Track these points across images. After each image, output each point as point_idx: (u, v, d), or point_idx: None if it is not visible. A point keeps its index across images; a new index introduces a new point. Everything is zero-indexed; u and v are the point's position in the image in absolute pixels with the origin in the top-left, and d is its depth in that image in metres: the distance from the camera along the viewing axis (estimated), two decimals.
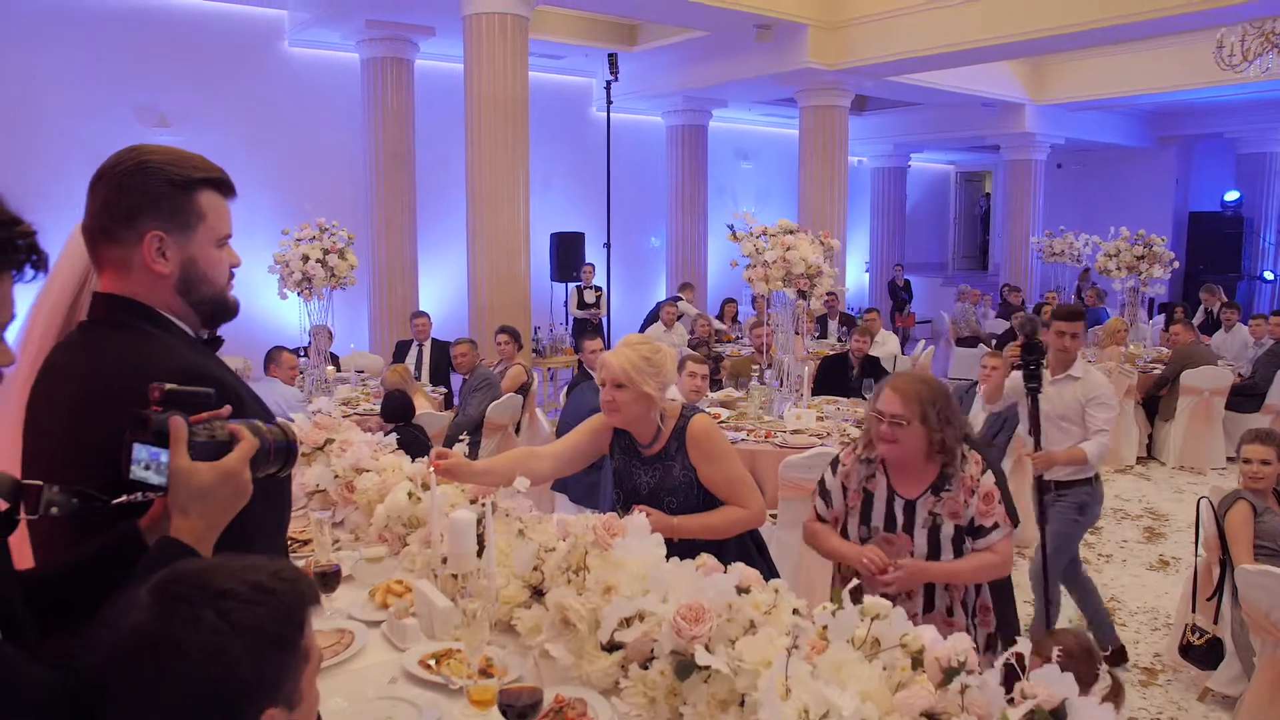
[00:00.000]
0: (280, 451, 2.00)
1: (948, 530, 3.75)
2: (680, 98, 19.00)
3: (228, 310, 2.24)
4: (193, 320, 2.21)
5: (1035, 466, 5.79)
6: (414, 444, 7.21)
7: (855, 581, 3.28)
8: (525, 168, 12.93)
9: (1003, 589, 4.19)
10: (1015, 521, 3.88)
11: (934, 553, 3.77)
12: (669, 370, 3.92)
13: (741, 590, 2.69)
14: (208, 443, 1.90)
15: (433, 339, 11.81)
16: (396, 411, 7.79)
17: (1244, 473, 5.71)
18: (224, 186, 2.20)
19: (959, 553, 3.76)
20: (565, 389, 9.60)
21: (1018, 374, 6.33)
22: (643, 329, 15.01)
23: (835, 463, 4.04)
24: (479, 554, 3.02)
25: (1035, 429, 5.69)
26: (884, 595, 3.69)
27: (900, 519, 3.81)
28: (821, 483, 4.05)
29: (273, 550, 2.23)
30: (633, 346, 3.91)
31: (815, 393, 9.85)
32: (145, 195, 2.11)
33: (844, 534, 3.96)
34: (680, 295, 16.84)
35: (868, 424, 3.88)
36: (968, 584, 3.87)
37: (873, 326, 11.78)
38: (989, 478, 3.79)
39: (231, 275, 2.24)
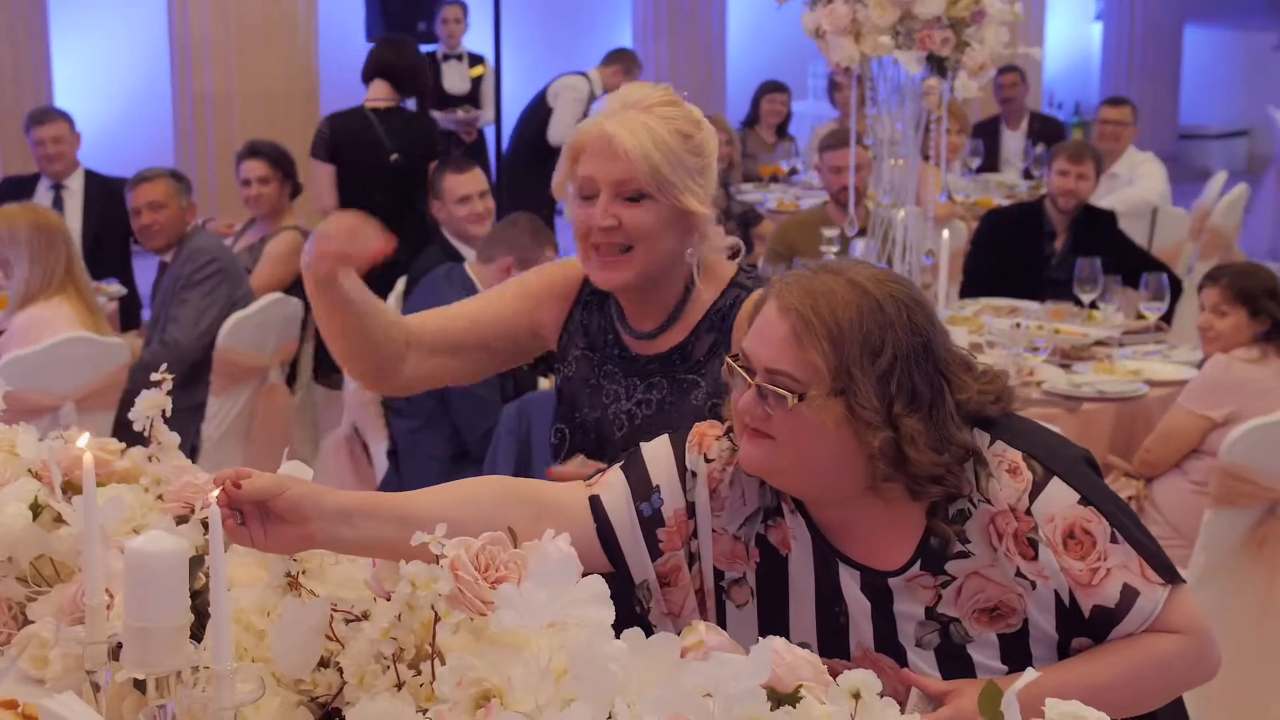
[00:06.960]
0: None
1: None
2: None
3: None
4: None
5: None
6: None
7: None
8: None
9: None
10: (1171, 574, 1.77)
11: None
12: (713, 171, 2.16)
13: (778, 694, 1.43)
14: None
15: (86, 173, 6.22)
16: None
17: None
18: None
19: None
20: (402, 285, 5.15)
21: None
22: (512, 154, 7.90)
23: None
24: (195, 633, 1.71)
25: None
26: None
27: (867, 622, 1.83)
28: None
29: None
30: (653, 112, 2.09)
31: (971, 291, 5.70)
32: None
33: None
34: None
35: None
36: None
37: (1117, 139, 6.81)
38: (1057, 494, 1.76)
39: None
